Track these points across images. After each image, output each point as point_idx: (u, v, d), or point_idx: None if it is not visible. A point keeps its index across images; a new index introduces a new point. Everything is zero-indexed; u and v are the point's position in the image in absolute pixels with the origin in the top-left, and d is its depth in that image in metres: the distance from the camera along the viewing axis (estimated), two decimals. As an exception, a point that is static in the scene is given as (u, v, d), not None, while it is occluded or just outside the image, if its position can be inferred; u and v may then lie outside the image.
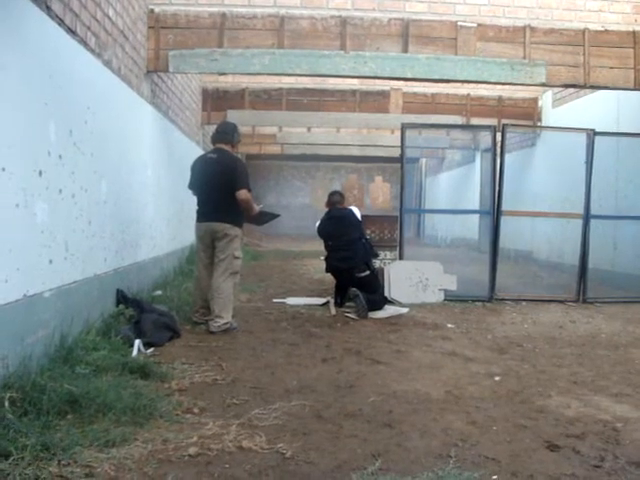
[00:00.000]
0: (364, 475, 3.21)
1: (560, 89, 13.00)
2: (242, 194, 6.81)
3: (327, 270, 8.85)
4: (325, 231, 8.82)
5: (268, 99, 13.76)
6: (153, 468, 3.25)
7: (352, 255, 8.39)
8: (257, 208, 7.19)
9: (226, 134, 7.16)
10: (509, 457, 3.54)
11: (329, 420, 4.09)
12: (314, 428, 3.92)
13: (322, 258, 9.05)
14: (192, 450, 3.46)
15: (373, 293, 8.21)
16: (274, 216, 7.83)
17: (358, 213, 9.01)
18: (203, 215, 7.04)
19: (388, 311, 8.21)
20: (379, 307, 8.17)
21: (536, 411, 4.40)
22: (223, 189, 6.83)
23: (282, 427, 3.92)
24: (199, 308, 7.12)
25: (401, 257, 9.71)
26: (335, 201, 8.97)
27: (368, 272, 8.41)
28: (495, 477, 3.27)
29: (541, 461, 3.51)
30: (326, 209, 9.06)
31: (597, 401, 4.67)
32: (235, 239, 6.93)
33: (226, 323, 6.73)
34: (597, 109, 11.96)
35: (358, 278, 8.30)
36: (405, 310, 8.36)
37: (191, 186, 7.26)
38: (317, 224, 9.04)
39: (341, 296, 8.57)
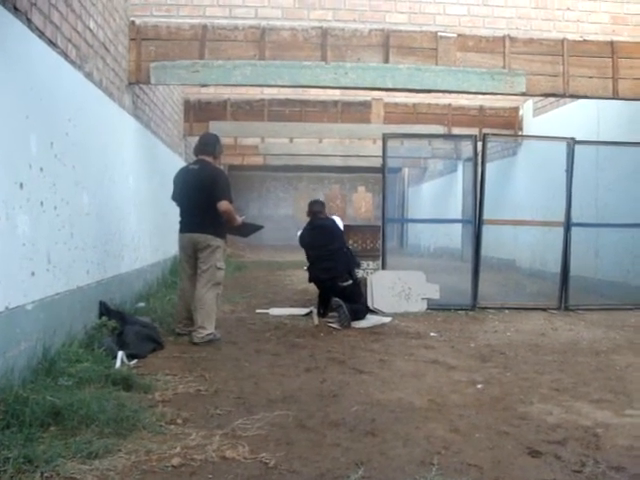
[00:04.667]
0: (347, 483, 3.22)
1: (541, 98, 13.11)
2: (223, 205, 6.83)
3: (310, 280, 8.85)
4: (307, 241, 8.82)
5: (250, 110, 13.77)
6: (136, 479, 3.24)
7: (334, 265, 8.39)
8: (239, 219, 7.22)
9: (208, 146, 7.18)
10: (491, 464, 3.57)
11: (312, 429, 4.10)
12: (297, 438, 3.93)
13: (305, 268, 9.05)
14: (175, 461, 3.46)
15: (356, 303, 8.22)
16: (258, 227, 7.87)
17: (340, 223, 9.01)
18: (185, 226, 7.06)
19: (371, 321, 8.22)
20: (362, 317, 8.19)
21: (518, 418, 4.43)
22: (205, 200, 6.84)
23: (265, 437, 3.92)
24: (182, 319, 7.11)
25: (384, 267, 9.73)
26: (316, 210, 8.94)
27: (351, 282, 8.42)
28: (477, 483, 3.29)
29: (523, 467, 3.53)
30: (307, 218, 9.05)
31: (578, 407, 4.71)
32: (217, 250, 6.94)
33: (209, 334, 6.73)
34: (577, 118, 12.07)
35: (341, 288, 8.30)
36: (388, 319, 8.38)
37: (174, 197, 7.28)
38: (299, 234, 9.04)
39: (324, 306, 8.56)
